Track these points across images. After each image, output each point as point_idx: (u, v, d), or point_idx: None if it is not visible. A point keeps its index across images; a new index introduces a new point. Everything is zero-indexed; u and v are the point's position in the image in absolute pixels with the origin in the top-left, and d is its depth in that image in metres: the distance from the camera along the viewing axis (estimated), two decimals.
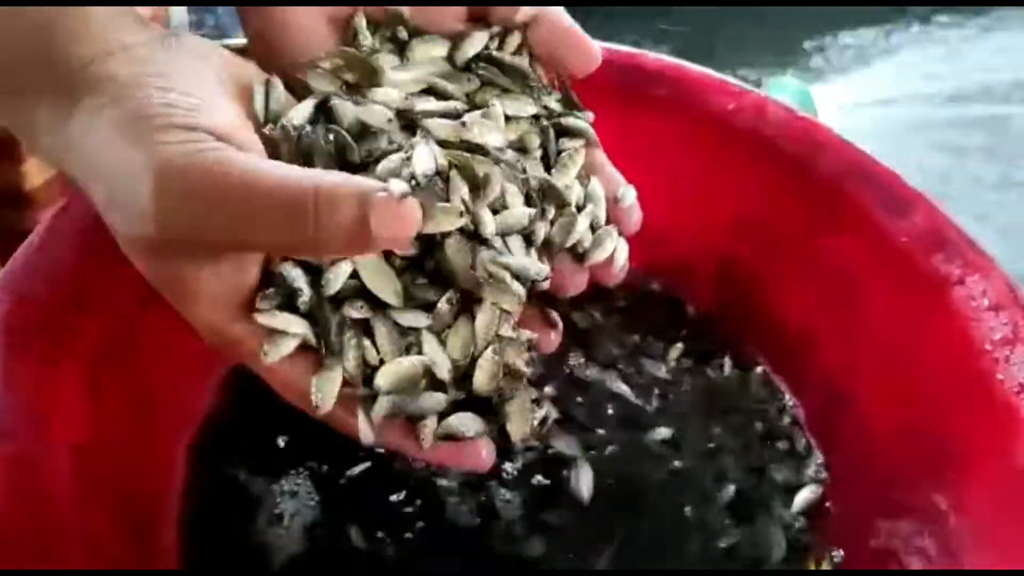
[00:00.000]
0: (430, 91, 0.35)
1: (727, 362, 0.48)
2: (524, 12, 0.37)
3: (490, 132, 0.34)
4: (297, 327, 0.29)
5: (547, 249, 0.35)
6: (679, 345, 0.49)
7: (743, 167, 0.46)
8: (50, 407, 0.32)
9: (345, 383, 0.30)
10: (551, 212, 0.35)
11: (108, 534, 0.34)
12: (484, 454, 0.32)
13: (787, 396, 0.47)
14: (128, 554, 0.34)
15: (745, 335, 0.48)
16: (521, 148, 0.36)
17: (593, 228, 0.37)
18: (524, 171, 0.34)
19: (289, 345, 0.29)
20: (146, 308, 0.37)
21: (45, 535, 0.31)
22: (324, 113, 0.33)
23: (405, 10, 0.37)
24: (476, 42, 0.36)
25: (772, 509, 0.42)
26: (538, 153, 0.37)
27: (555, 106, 0.38)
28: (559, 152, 0.37)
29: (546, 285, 0.34)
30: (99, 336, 0.36)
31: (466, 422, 0.32)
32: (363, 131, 0.32)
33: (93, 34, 0.28)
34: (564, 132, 0.37)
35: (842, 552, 0.41)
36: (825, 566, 0.40)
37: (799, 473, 0.44)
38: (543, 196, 0.35)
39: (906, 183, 0.42)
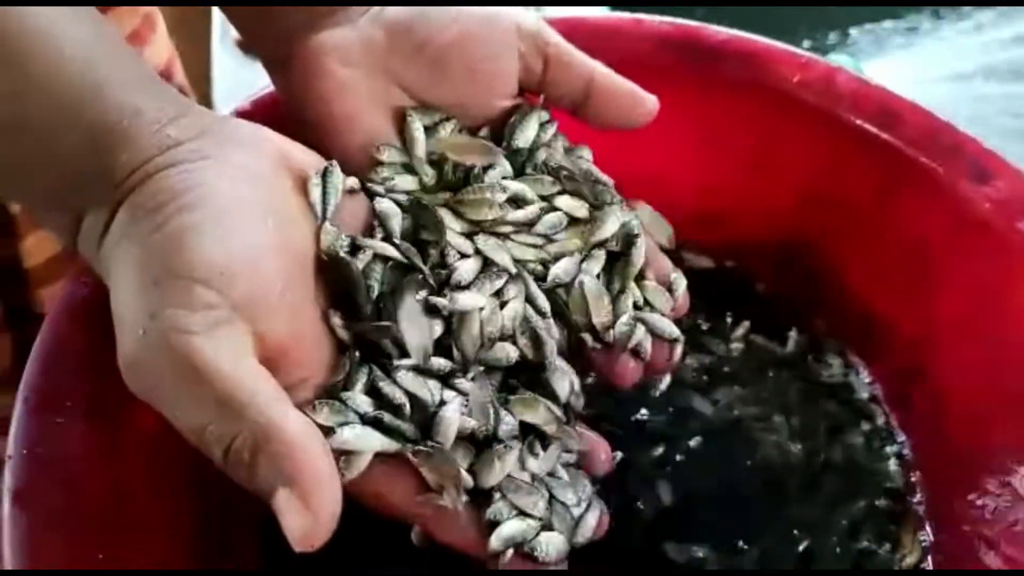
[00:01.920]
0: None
1: (797, 338, 0.47)
2: (580, 79, 0.35)
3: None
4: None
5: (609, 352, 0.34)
6: (746, 323, 0.47)
7: (813, 140, 0.45)
8: (123, 388, 0.32)
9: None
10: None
11: (187, 517, 0.34)
12: None
13: (863, 372, 0.45)
14: (205, 541, 0.34)
15: (816, 311, 0.47)
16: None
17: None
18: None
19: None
20: None
21: (121, 527, 0.31)
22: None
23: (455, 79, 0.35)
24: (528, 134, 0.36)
25: (856, 490, 0.41)
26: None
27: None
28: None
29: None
30: None
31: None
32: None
33: (139, 135, 0.27)
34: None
35: (930, 533, 0.39)
36: (914, 550, 0.39)
37: (880, 451, 0.42)
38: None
39: (988, 148, 0.41)
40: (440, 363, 0.31)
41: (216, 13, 0.98)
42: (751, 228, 0.48)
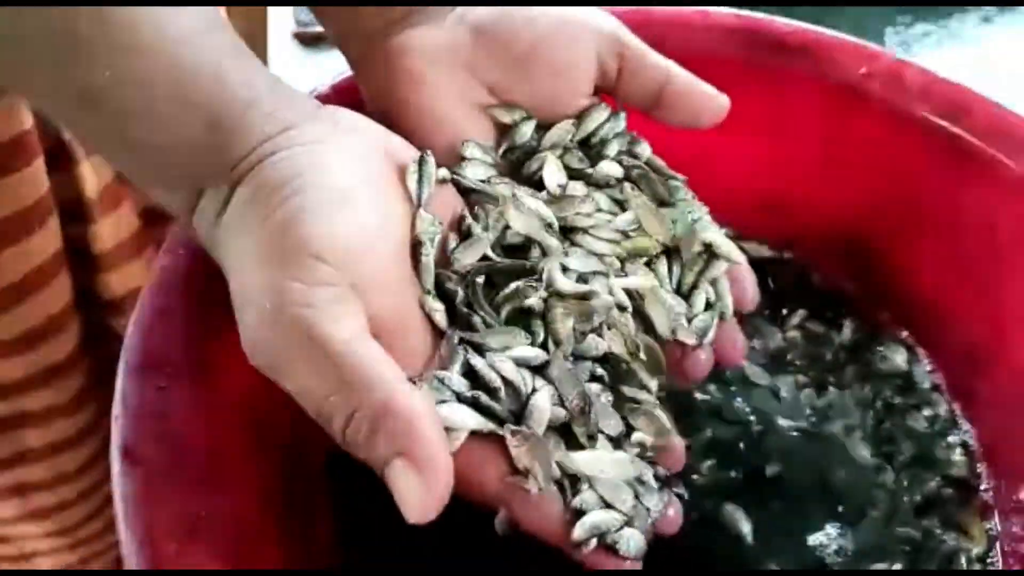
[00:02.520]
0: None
1: (853, 327, 0.47)
2: (655, 81, 0.36)
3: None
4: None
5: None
6: (802, 311, 0.48)
7: (880, 132, 0.45)
8: (227, 360, 0.33)
9: None
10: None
11: (275, 489, 0.35)
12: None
13: (924, 362, 0.46)
14: (290, 506, 0.35)
15: (878, 303, 0.48)
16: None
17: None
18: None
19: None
20: None
21: (225, 482, 0.32)
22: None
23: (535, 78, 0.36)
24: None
25: (921, 477, 0.41)
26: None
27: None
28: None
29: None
30: None
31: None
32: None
33: (255, 118, 0.29)
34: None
35: (997, 523, 0.40)
36: (981, 539, 0.39)
37: (944, 440, 0.43)
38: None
39: None
40: (533, 353, 0.32)
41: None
42: (814, 220, 0.48)
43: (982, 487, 0.41)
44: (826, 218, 0.48)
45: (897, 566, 0.38)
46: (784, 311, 0.48)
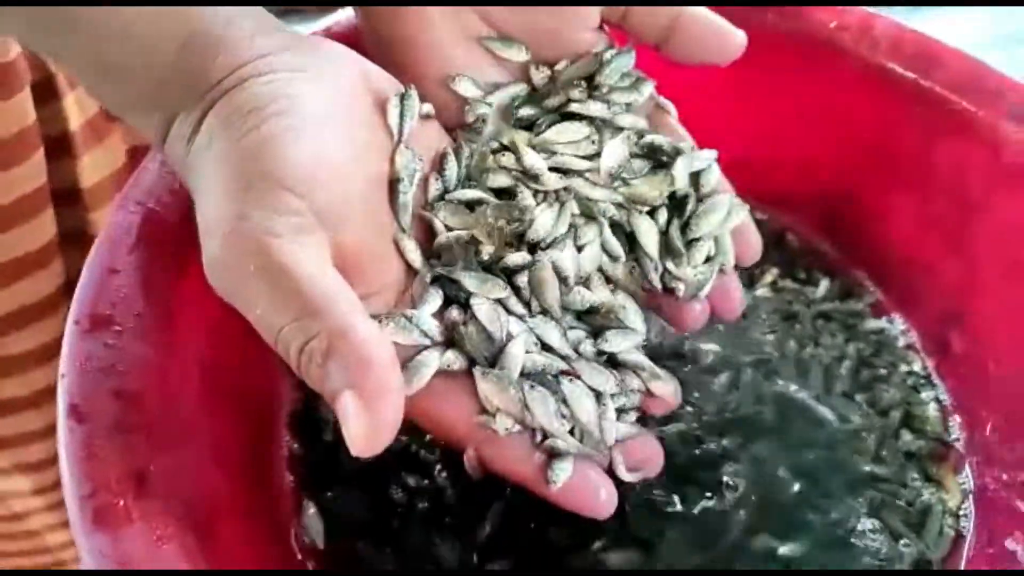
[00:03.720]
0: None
1: (828, 285, 0.47)
2: (666, 15, 0.35)
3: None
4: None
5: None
6: (774, 269, 0.47)
7: (850, 87, 0.44)
8: (180, 316, 0.32)
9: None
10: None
11: (231, 441, 0.34)
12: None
13: (898, 320, 0.45)
14: (250, 458, 0.34)
15: (852, 261, 0.47)
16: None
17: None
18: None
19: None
20: None
21: (176, 435, 0.31)
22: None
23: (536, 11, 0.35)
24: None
25: (895, 436, 0.41)
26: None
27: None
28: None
29: None
30: None
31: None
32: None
33: (232, 42, 0.28)
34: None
35: (971, 477, 0.39)
36: (955, 493, 0.39)
37: (918, 395, 0.42)
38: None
39: None
40: (512, 300, 0.31)
41: None
42: (787, 178, 0.48)
43: (955, 439, 0.41)
44: (799, 176, 0.48)
45: (873, 520, 0.38)
46: (757, 271, 0.47)
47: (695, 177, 0.36)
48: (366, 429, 0.23)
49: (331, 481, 0.38)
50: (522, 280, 0.32)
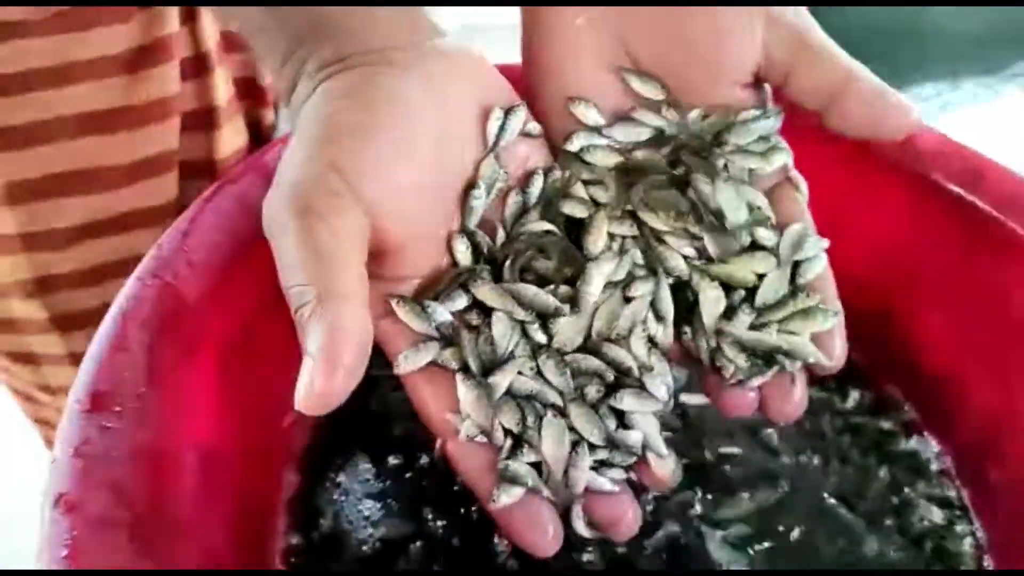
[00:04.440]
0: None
1: (858, 398, 0.45)
2: (836, 79, 0.32)
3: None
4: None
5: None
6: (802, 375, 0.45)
7: (891, 197, 0.43)
8: (185, 399, 0.31)
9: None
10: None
11: (223, 539, 0.32)
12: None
13: (932, 441, 0.43)
14: (242, 556, 0.33)
15: (884, 376, 0.45)
16: None
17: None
18: None
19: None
20: (270, 310, 0.36)
21: (165, 535, 0.29)
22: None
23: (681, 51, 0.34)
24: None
25: (923, 566, 0.38)
26: None
27: None
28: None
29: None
30: (231, 330, 0.34)
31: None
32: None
33: (357, 26, 0.31)
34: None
35: None
36: None
37: (951, 530, 0.40)
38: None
39: None
40: (533, 330, 0.32)
41: None
42: None
43: None
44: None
45: None
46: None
47: (796, 265, 0.34)
48: (308, 390, 0.25)
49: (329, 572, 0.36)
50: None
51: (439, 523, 0.37)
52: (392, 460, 0.40)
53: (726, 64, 0.34)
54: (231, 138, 0.53)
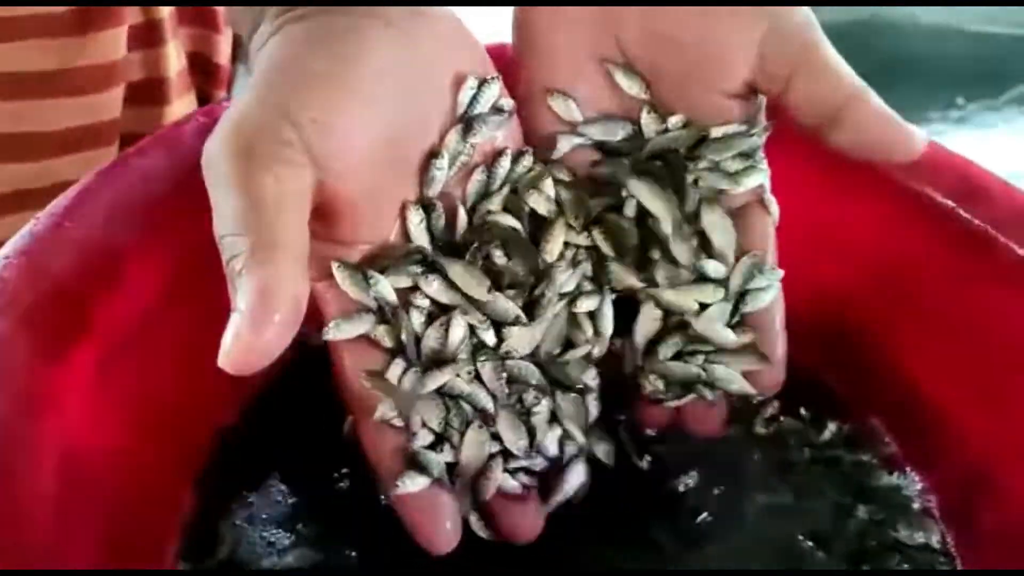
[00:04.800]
0: None
1: (835, 430, 0.41)
2: (841, 95, 0.31)
3: None
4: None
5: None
6: (775, 403, 0.41)
7: (880, 211, 0.40)
8: (48, 397, 0.26)
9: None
10: None
11: (95, 563, 0.27)
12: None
13: (914, 477, 0.39)
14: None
15: (865, 404, 0.41)
16: None
17: None
18: None
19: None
20: (176, 300, 0.32)
21: (15, 555, 0.24)
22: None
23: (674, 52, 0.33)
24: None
25: None
26: None
27: None
28: None
29: None
30: (122, 321, 0.30)
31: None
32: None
33: None
34: None
35: None
36: None
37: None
38: None
39: None
40: (482, 331, 0.31)
41: None
42: (796, 302, 0.42)
43: None
44: (810, 302, 0.42)
45: None
46: (754, 403, 0.41)
47: (743, 294, 0.34)
48: (232, 347, 0.24)
49: None
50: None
51: (353, 554, 0.33)
52: (306, 483, 0.35)
53: (718, 71, 0.33)
54: (181, 114, 0.51)
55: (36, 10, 0.44)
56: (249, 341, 0.23)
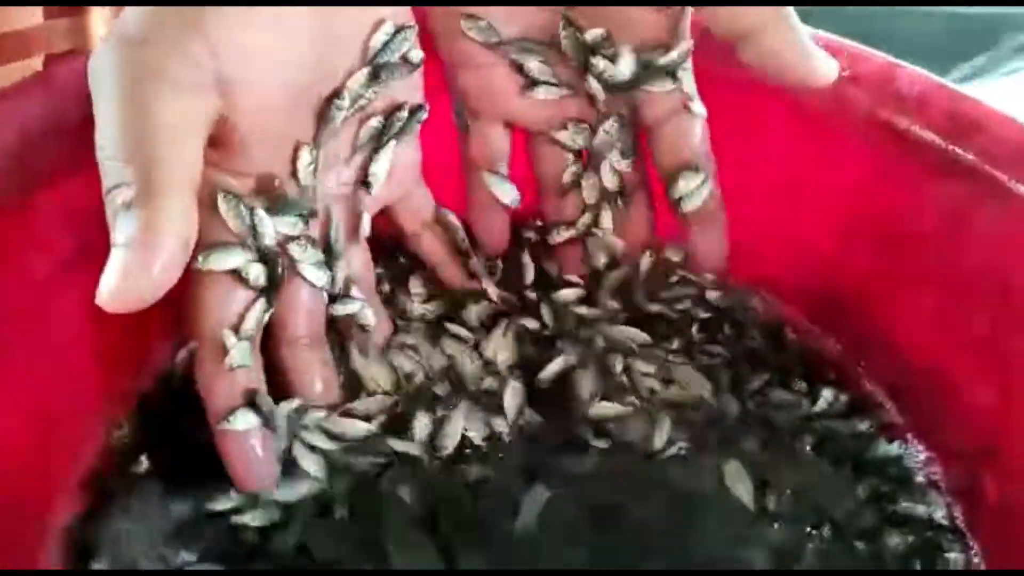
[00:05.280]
0: None
1: (830, 399, 0.37)
2: (753, 21, 0.30)
3: None
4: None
5: None
6: (764, 375, 0.38)
7: (866, 152, 0.36)
8: None
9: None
10: None
11: None
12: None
13: (917, 447, 0.36)
14: None
15: (860, 369, 0.38)
16: None
17: None
18: None
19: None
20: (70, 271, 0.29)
21: None
22: None
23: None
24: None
25: None
26: None
27: None
28: None
29: None
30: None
31: None
32: None
33: None
34: None
35: None
36: None
37: (941, 550, 0.33)
38: None
39: None
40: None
41: None
42: (784, 262, 0.39)
43: None
44: (798, 261, 0.39)
45: None
46: (742, 372, 0.38)
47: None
48: (120, 284, 0.22)
49: None
50: None
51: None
52: (198, 491, 0.32)
53: None
54: None
55: None
56: (134, 277, 0.22)
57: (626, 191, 0.37)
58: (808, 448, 0.36)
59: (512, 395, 0.34)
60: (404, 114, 0.33)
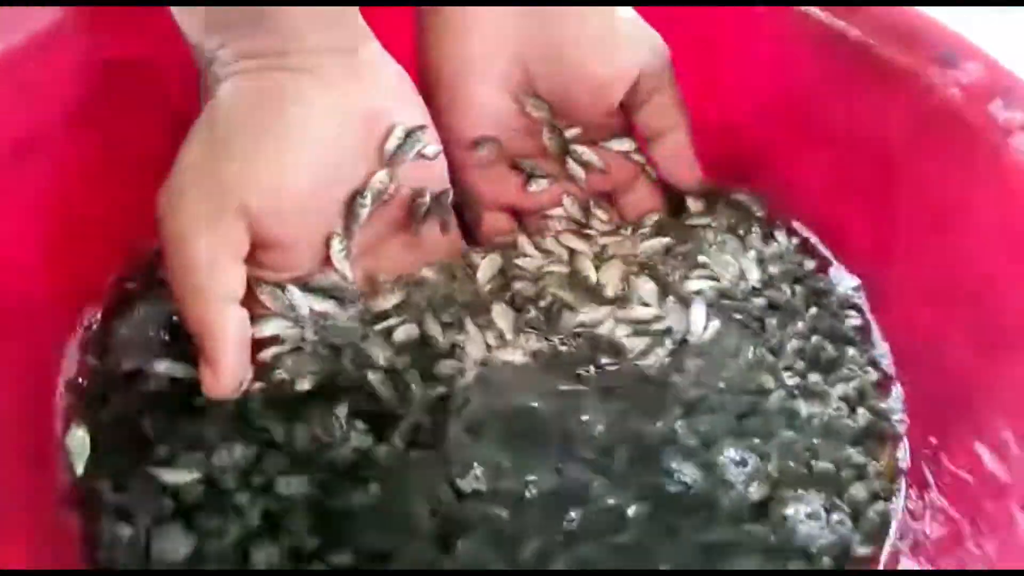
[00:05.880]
0: None
1: (786, 242, 0.43)
2: (664, 127, 0.41)
3: None
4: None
5: None
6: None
7: (760, 33, 0.42)
8: None
9: None
10: None
11: None
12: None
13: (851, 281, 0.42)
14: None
15: (783, 218, 0.44)
16: None
17: None
18: None
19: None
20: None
21: None
22: None
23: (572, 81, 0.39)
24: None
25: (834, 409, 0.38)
26: None
27: None
28: None
29: None
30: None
31: None
32: None
33: (281, 25, 0.32)
34: None
35: (907, 456, 0.37)
36: (888, 468, 0.36)
37: (863, 361, 0.39)
38: None
39: (955, 32, 0.37)
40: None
41: None
42: (701, 142, 0.43)
43: (895, 415, 0.38)
44: (715, 139, 0.43)
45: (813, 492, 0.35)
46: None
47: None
48: (209, 382, 0.32)
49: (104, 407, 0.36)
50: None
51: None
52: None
53: (602, 97, 0.39)
54: None
55: None
56: (211, 386, 0.32)
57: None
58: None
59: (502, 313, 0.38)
60: (426, 199, 0.37)
